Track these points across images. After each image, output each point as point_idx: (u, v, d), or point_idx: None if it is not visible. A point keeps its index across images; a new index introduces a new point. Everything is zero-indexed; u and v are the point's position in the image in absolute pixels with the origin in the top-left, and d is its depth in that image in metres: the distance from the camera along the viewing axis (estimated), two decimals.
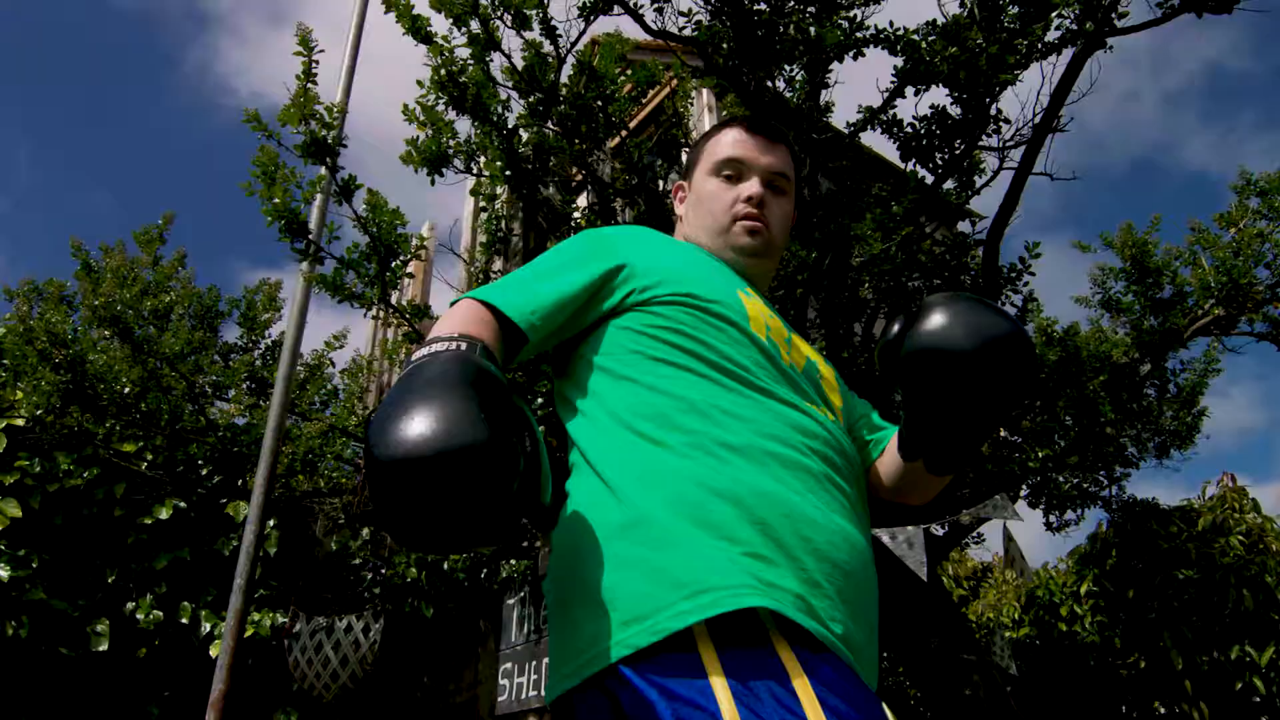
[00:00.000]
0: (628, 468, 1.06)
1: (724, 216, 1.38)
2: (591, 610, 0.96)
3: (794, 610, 0.92)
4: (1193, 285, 6.03)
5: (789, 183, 1.43)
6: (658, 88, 5.06)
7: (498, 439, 0.80)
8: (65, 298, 6.16)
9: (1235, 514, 7.10)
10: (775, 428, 1.10)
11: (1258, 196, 6.22)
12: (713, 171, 1.43)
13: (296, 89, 3.49)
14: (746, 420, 1.09)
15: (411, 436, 0.78)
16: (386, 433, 0.80)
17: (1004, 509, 4.83)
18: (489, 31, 4.16)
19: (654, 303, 1.20)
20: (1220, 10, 4.07)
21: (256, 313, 6.67)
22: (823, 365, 1.33)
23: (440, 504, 0.78)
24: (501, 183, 4.23)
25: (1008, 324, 1.03)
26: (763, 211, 1.38)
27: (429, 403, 0.82)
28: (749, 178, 1.40)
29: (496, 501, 0.80)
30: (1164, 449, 7.13)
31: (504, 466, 0.80)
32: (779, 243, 1.42)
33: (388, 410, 0.83)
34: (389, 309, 4.17)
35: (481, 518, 0.80)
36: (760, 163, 1.40)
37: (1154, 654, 6.84)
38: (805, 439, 1.12)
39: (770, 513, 1.00)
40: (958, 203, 4.83)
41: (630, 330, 1.19)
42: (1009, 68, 4.17)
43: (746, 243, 1.37)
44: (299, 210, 3.80)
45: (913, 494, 1.31)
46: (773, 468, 1.05)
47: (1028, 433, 5.24)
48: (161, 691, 6.06)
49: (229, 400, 6.20)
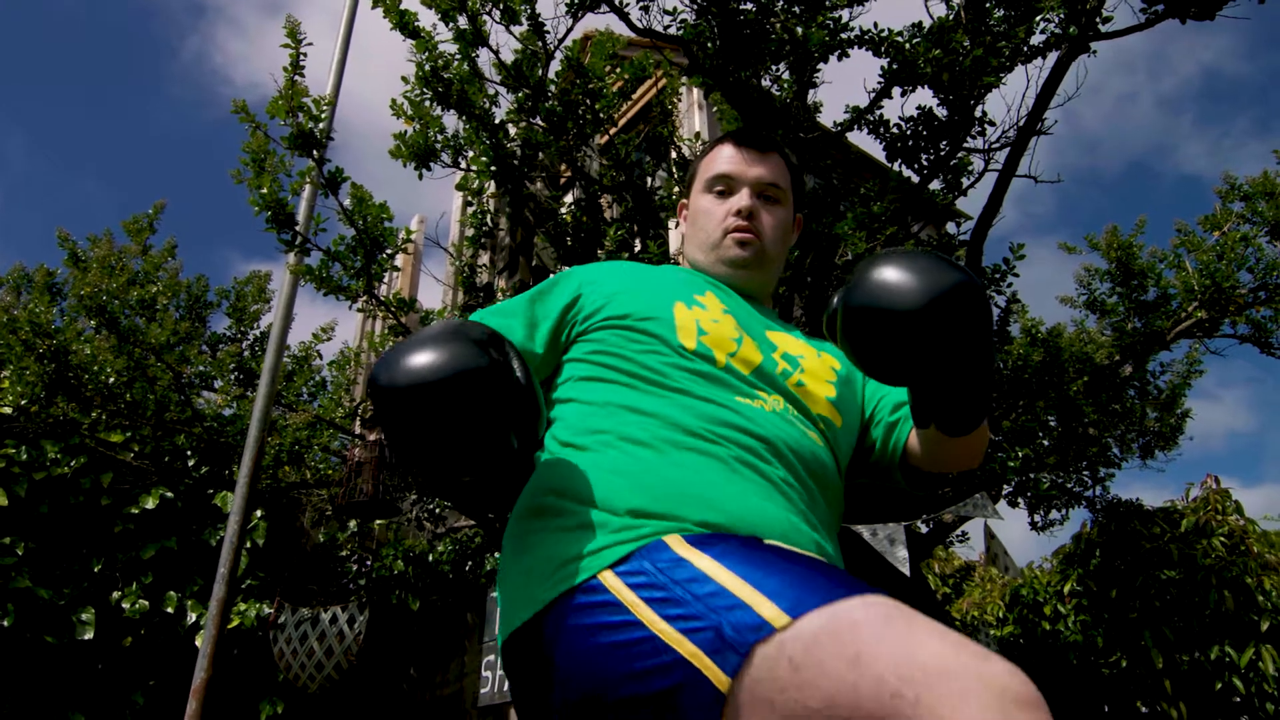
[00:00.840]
0: (553, 470, 1.17)
1: (716, 231, 1.44)
2: (514, 579, 1.09)
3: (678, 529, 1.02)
4: (1176, 288, 6.07)
5: (782, 191, 1.48)
6: (647, 84, 5.09)
7: (496, 365, 0.92)
8: (54, 286, 6.16)
9: (1218, 516, 7.14)
10: (685, 420, 1.16)
11: (1242, 200, 6.26)
12: (705, 189, 1.49)
13: (284, 81, 3.50)
14: (652, 416, 1.17)
15: (419, 364, 0.90)
16: (394, 364, 0.91)
17: (983, 507, 4.87)
18: (477, 27, 4.18)
19: (590, 330, 1.31)
20: (1203, 16, 4.10)
21: (246, 304, 6.68)
22: (810, 359, 1.36)
23: (447, 426, 0.89)
24: (488, 178, 4.25)
25: (943, 272, 0.96)
26: (754, 223, 1.43)
27: (432, 339, 0.93)
28: (739, 190, 1.45)
29: (497, 421, 0.91)
30: (1148, 450, 7.17)
31: (502, 388, 0.92)
32: (773, 251, 1.46)
33: (393, 351, 0.92)
34: (375, 302, 4.19)
35: (484, 439, 0.91)
36: (749, 175, 1.45)
37: (1135, 653, 6.89)
38: (719, 428, 1.17)
39: (664, 487, 1.08)
40: (943, 203, 4.86)
41: (573, 360, 1.32)
42: (992, 70, 4.20)
43: (737, 255, 1.42)
44: (286, 201, 3.81)
45: (948, 460, 1.28)
46: (674, 454, 1.12)
47: (1008, 432, 5.28)
48: (146, 680, 6.08)
49: (216, 391, 6.21)
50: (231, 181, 3.60)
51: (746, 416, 1.20)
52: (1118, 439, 6.75)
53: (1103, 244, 6.40)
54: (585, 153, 4.70)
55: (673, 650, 0.86)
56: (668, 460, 1.12)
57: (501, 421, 0.92)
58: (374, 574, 6.30)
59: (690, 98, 6.97)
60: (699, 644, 0.85)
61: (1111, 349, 5.76)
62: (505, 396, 0.92)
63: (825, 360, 1.40)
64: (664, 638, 0.87)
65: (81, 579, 5.88)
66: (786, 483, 1.17)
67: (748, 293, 1.46)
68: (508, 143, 4.43)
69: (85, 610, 5.77)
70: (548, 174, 4.72)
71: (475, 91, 4.21)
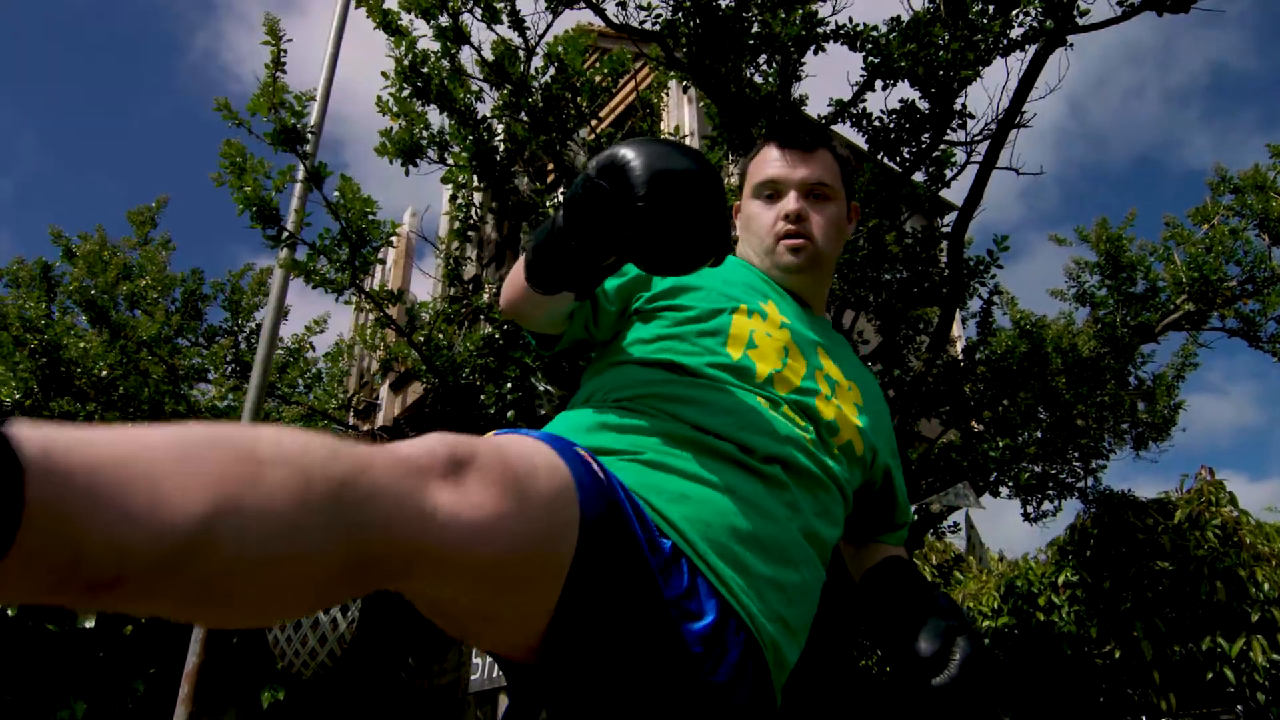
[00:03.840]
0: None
1: (768, 238, 1.45)
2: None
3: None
4: (1165, 281, 6.07)
5: (830, 188, 1.47)
6: (633, 79, 5.13)
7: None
8: (51, 277, 6.25)
9: (1211, 507, 7.16)
10: (708, 422, 1.19)
11: (1232, 193, 6.25)
12: (754, 194, 1.50)
13: (265, 78, 3.57)
14: (678, 414, 1.20)
15: (679, 162, 0.94)
16: (656, 160, 0.94)
17: (965, 496, 4.91)
18: (458, 25, 4.24)
19: (653, 313, 1.34)
20: (1179, 9, 4.12)
21: (244, 297, 6.77)
22: (846, 387, 1.39)
23: (707, 212, 0.95)
24: (470, 173, 4.31)
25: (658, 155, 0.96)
26: (803, 225, 1.43)
27: (656, 144, 0.96)
28: (786, 194, 1.45)
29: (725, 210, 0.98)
30: (1141, 441, 7.18)
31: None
32: (826, 251, 1.46)
33: (630, 156, 0.95)
34: (360, 294, 4.26)
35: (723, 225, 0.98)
36: (795, 177, 1.45)
37: (1128, 644, 6.92)
38: (738, 436, 1.19)
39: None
40: (925, 194, 4.90)
41: (626, 334, 1.36)
42: (970, 64, 4.24)
43: (790, 261, 1.43)
44: (270, 198, 3.88)
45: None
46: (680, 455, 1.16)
47: (989, 422, 5.31)
48: (147, 668, 6.19)
49: (210, 383, 6.30)
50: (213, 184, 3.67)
51: (767, 433, 1.21)
52: (1110, 430, 6.76)
53: (1092, 236, 6.40)
54: (571, 147, 4.76)
55: None
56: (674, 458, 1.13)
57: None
58: None
59: (679, 92, 7.01)
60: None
61: (1095, 341, 5.77)
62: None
63: (856, 391, 1.40)
64: None
65: None
66: (789, 505, 1.18)
67: (803, 297, 1.47)
68: (492, 139, 4.49)
69: None
70: (533, 168, 4.77)
71: (457, 88, 4.27)
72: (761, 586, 1.07)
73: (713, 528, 1.06)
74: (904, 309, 5.08)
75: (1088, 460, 6.80)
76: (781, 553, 1.12)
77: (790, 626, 1.12)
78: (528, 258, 1.15)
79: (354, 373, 8.25)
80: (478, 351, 4.62)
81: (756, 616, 1.04)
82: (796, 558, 1.14)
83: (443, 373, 4.54)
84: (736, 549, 1.06)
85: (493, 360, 4.66)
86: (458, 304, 4.83)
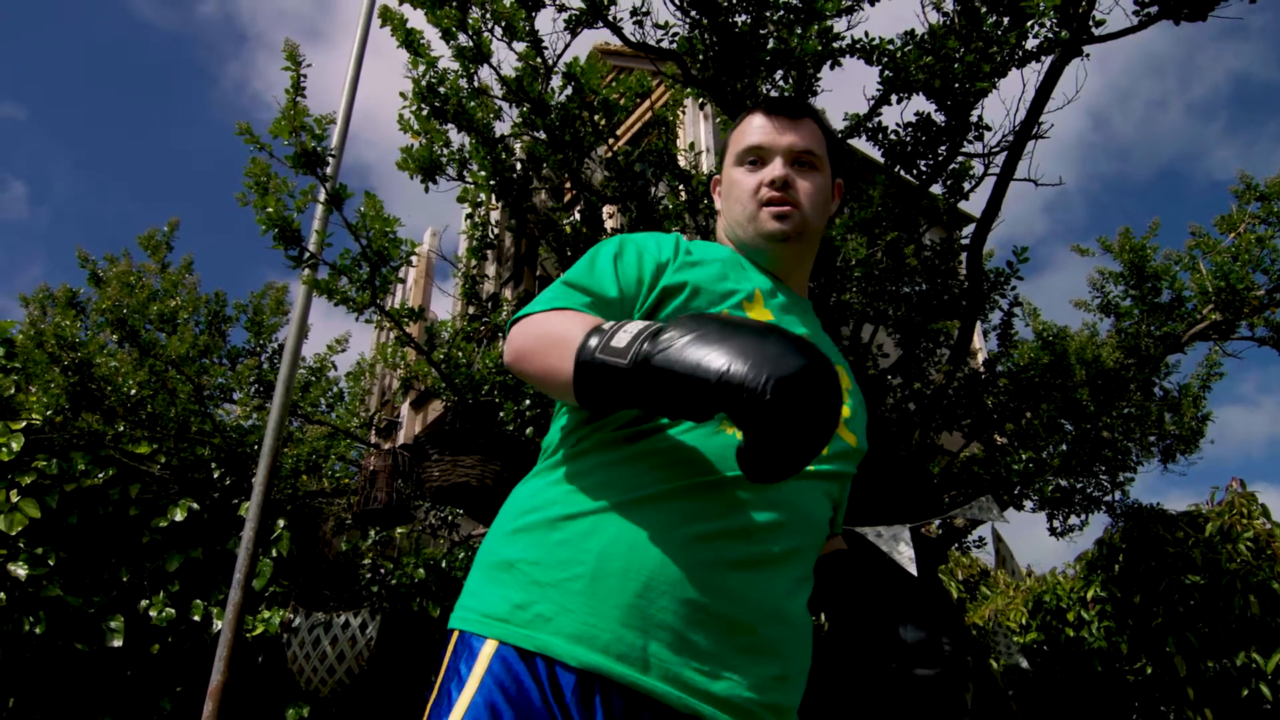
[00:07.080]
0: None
1: (751, 204, 1.38)
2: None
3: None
4: (1191, 290, 6.00)
5: (817, 157, 1.41)
6: (651, 95, 5.16)
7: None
8: (78, 303, 6.36)
9: (1243, 520, 7.04)
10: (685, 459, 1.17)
11: (1258, 201, 6.18)
12: (737, 161, 1.43)
13: (285, 102, 3.63)
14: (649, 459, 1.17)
15: (801, 360, 0.86)
16: (775, 360, 0.85)
17: (989, 510, 4.85)
18: (479, 45, 4.29)
19: (657, 310, 1.28)
20: (1195, 17, 4.10)
21: (264, 317, 6.85)
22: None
23: (828, 407, 0.86)
24: (487, 191, 4.35)
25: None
26: (789, 192, 1.37)
27: (775, 333, 0.89)
28: (771, 160, 1.39)
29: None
30: (1169, 453, 7.08)
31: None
32: (813, 220, 1.39)
33: (745, 346, 0.87)
34: (380, 313, 4.30)
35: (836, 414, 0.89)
36: (782, 143, 1.39)
37: (1161, 660, 6.80)
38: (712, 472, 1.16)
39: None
40: (944, 207, 4.88)
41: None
42: (985, 76, 4.23)
43: (775, 228, 1.36)
44: (292, 219, 3.94)
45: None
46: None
47: (1012, 435, 5.26)
48: (173, 687, 6.23)
49: (235, 403, 6.38)
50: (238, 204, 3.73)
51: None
52: (1136, 442, 6.67)
53: (1115, 246, 6.34)
54: (589, 165, 4.79)
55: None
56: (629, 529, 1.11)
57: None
58: (395, 581, 6.41)
59: (695, 109, 7.05)
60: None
61: (1119, 352, 5.71)
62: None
63: (844, 375, 1.35)
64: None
65: (110, 588, 6.04)
66: (769, 528, 1.15)
67: (782, 275, 1.41)
68: (509, 157, 4.53)
69: (114, 618, 5.93)
70: (551, 186, 4.81)
71: (476, 106, 4.32)
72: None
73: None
74: (923, 322, 5.06)
75: (1114, 473, 6.71)
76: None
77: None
78: (589, 380, 1.00)
79: (375, 391, 8.33)
80: (496, 369, 4.65)
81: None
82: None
83: (462, 390, 4.57)
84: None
85: (511, 377, 4.68)
86: (476, 322, 4.87)
